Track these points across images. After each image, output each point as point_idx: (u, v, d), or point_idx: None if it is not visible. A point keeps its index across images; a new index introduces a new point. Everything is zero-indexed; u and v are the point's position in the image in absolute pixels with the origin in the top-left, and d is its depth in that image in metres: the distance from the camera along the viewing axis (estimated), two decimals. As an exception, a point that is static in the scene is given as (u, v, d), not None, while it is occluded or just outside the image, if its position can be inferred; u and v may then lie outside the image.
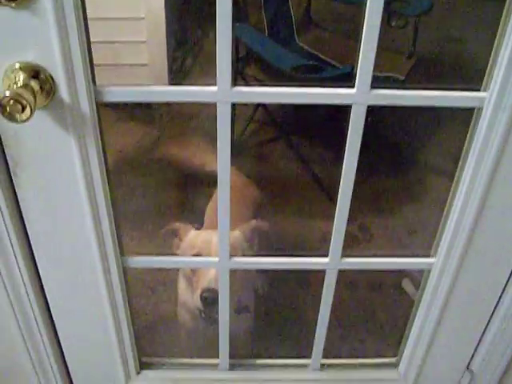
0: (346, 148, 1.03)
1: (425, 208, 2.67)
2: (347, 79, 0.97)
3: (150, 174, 2.69)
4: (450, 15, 3.40)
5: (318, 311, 1.35)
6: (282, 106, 3.10)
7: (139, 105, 2.84)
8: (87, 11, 0.89)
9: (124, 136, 2.91)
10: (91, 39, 0.93)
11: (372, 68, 0.93)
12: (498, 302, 1.31)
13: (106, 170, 1.04)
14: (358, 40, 0.91)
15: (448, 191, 1.17)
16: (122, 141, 2.87)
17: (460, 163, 1.11)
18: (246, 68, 2.75)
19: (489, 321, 1.35)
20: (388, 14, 2.71)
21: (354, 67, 0.94)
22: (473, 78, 1.06)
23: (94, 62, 0.95)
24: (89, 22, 0.91)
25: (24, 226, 1.11)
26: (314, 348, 1.43)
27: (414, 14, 2.78)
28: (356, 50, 0.92)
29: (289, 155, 2.93)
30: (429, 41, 3.29)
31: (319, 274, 1.27)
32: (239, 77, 2.70)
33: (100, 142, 1.00)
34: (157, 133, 3.04)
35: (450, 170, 1.16)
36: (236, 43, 2.65)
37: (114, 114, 2.94)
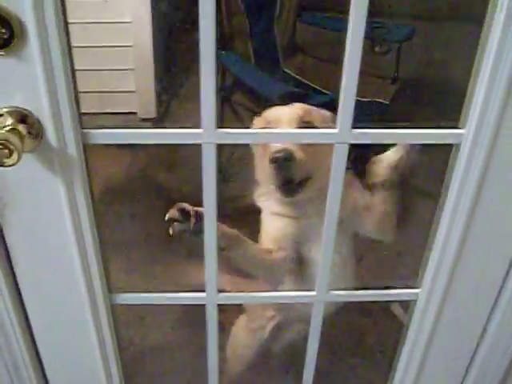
0: (330, 184, 1.05)
1: (413, 231, 2.68)
2: (334, 106, 0.99)
3: (137, 202, 2.69)
4: (432, 40, 3.45)
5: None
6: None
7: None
8: (75, 40, 0.91)
9: (111, 164, 2.91)
10: (80, 68, 0.95)
11: (353, 108, 0.95)
12: (486, 326, 1.32)
13: (94, 211, 1.05)
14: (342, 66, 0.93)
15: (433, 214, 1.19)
16: (109, 169, 2.87)
17: (442, 196, 1.13)
18: (233, 95, 2.77)
19: (477, 344, 1.36)
20: (371, 40, 2.77)
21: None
22: (455, 100, 1.08)
23: (84, 90, 0.96)
24: (78, 50, 0.93)
25: (11, 266, 1.11)
26: (304, 376, 1.43)
27: (396, 40, 2.84)
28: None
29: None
30: (411, 65, 3.33)
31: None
32: (226, 104, 2.72)
33: (87, 183, 1.01)
34: (145, 160, 3.04)
35: (438, 193, 1.17)
36: (222, 71, 2.68)
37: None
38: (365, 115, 1.02)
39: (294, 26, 3.16)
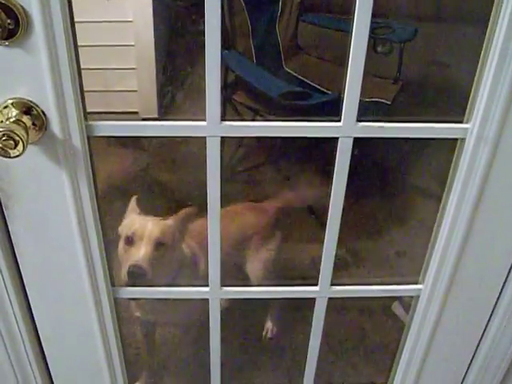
0: (334, 179, 1.05)
1: (414, 230, 2.69)
2: (335, 105, 0.99)
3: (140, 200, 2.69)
4: (434, 41, 3.45)
5: (309, 337, 1.36)
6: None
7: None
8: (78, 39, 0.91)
9: (115, 162, 2.91)
10: (82, 66, 0.94)
11: (358, 102, 0.95)
12: (487, 326, 1.32)
13: (97, 203, 1.05)
14: (345, 66, 0.93)
15: (436, 214, 1.19)
16: (113, 167, 2.87)
17: (445, 192, 1.13)
18: (234, 94, 2.77)
19: (478, 344, 1.36)
20: (373, 40, 2.77)
21: (340, 94, 0.96)
22: (457, 101, 1.08)
23: (85, 89, 0.96)
24: (80, 49, 0.92)
25: (15, 258, 1.11)
26: (305, 374, 1.43)
27: (398, 40, 2.84)
28: (343, 76, 0.95)
29: (278, 179, 2.94)
30: (414, 66, 3.34)
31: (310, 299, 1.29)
32: (228, 103, 2.72)
33: (91, 175, 1.01)
34: (147, 158, 3.04)
35: (439, 192, 1.18)
36: (224, 70, 2.68)
37: (104, 140, 2.94)
38: (366, 115, 1.02)
39: (295, 26, 3.16)
